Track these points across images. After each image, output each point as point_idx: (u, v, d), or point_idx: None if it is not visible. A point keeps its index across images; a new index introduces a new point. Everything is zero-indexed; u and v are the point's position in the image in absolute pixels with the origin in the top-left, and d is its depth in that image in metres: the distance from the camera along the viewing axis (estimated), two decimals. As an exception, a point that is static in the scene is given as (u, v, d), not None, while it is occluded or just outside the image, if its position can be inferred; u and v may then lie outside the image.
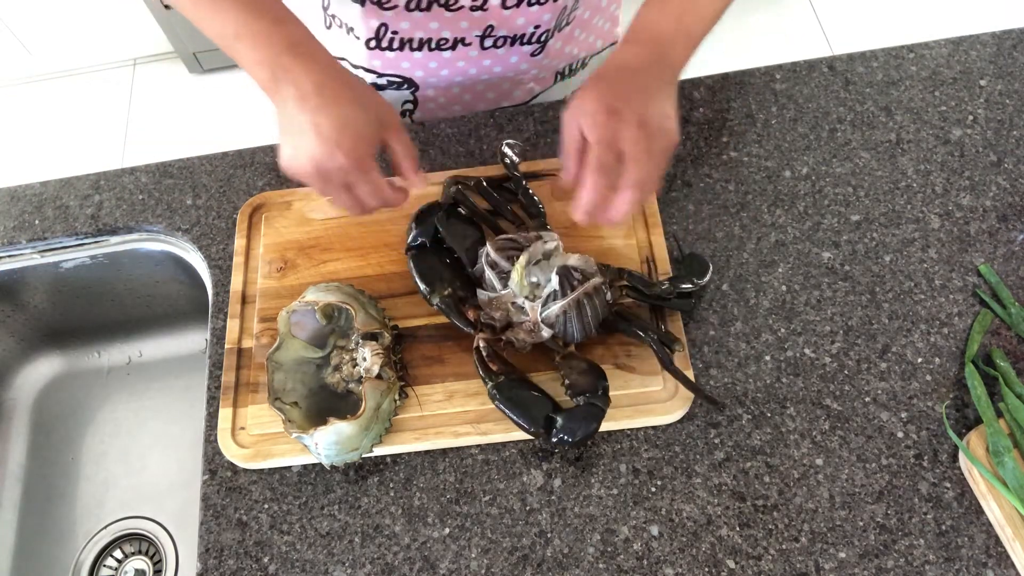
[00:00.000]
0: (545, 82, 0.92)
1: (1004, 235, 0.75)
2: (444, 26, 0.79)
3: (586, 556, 0.63)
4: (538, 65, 0.86)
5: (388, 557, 0.64)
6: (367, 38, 0.80)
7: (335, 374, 0.69)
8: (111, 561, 0.89)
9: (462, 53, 0.82)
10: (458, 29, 0.79)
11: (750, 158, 0.81)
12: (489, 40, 0.81)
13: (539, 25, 0.80)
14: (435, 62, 0.83)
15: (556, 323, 0.65)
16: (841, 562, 0.61)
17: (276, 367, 0.68)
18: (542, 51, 0.84)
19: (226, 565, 0.64)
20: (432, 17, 0.78)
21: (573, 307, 0.64)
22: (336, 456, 0.64)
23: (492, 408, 0.67)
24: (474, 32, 0.80)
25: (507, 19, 0.78)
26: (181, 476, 0.92)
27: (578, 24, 0.87)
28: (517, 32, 0.80)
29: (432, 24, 0.78)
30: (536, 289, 0.66)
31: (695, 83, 0.86)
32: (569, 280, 0.65)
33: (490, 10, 0.77)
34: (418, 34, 0.80)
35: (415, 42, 0.81)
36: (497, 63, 0.84)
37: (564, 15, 0.82)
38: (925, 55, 0.87)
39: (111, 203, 0.84)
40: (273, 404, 0.66)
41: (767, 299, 0.73)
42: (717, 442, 0.67)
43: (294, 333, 0.70)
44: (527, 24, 0.79)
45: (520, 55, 0.83)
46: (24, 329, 0.95)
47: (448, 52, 0.82)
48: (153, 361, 0.99)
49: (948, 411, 0.67)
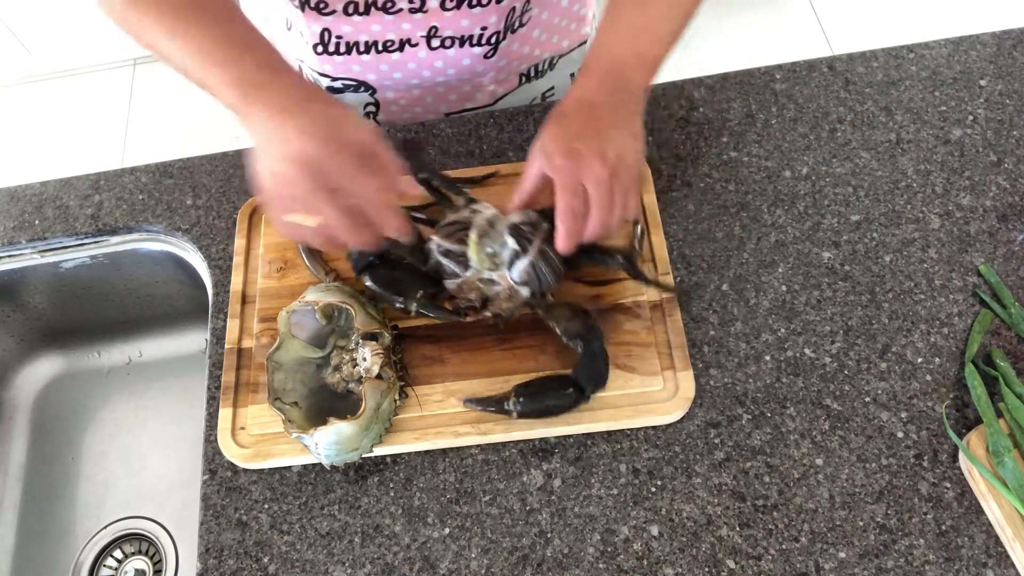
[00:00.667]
0: (508, 84, 0.90)
1: (1004, 235, 0.75)
2: (386, 28, 0.78)
3: (586, 556, 0.63)
4: (495, 67, 0.85)
5: (388, 557, 0.64)
6: (313, 43, 0.80)
7: (335, 374, 0.69)
8: (111, 561, 0.89)
9: (411, 55, 0.81)
10: (401, 31, 0.79)
11: (750, 158, 0.81)
12: (436, 41, 0.80)
13: (486, 27, 0.79)
14: (385, 64, 0.83)
15: (529, 278, 0.66)
16: (841, 562, 0.61)
17: (276, 367, 0.68)
18: (495, 53, 0.83)
19: (226, 565, 0.64)
20: (372, 20, 0.77)
21: (539, 257, 0.66)
22: (336, 456, 0.64)
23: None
24: (418, 33, 0.79)
25: (450, 20, 0.78)
26: (181, 476, 0.92)
27: (536, 25, 0.85)
28: (463, 33, 0.80)
29: (374, 27, 0.78)
30: (495, 258, 0.66)
31: (695, 83, 0.86)
32: (523, 235, 0.66)
33: (430, 12, 0.76)
34: (362, 37, 0.79)
35: (361, 45, 0.80)
36: (449, 64, 0.83)
37: (513, 17, 0.81)
38: (925, 55, 0.87)
39: (111, 203, 0.84)
40: (273, 404, 0.66)
41: (767, 299, 0.73)
42: (717, 442, 0.67)
43: (294, 333, 0.70)
44: (472, 25, 0.79)
45: (472, 57, 0.83)
46: (24, 329, 0.95)
47: (396, 54, 0.81)
48: (153, 361, 0.99)
49: (948, 411, 0.67)
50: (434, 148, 0.83)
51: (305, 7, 0.76)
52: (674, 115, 0.84)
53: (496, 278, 0.67)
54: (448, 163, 0.82)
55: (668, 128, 0.83)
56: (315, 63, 0.84)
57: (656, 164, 0.81)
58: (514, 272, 0.66)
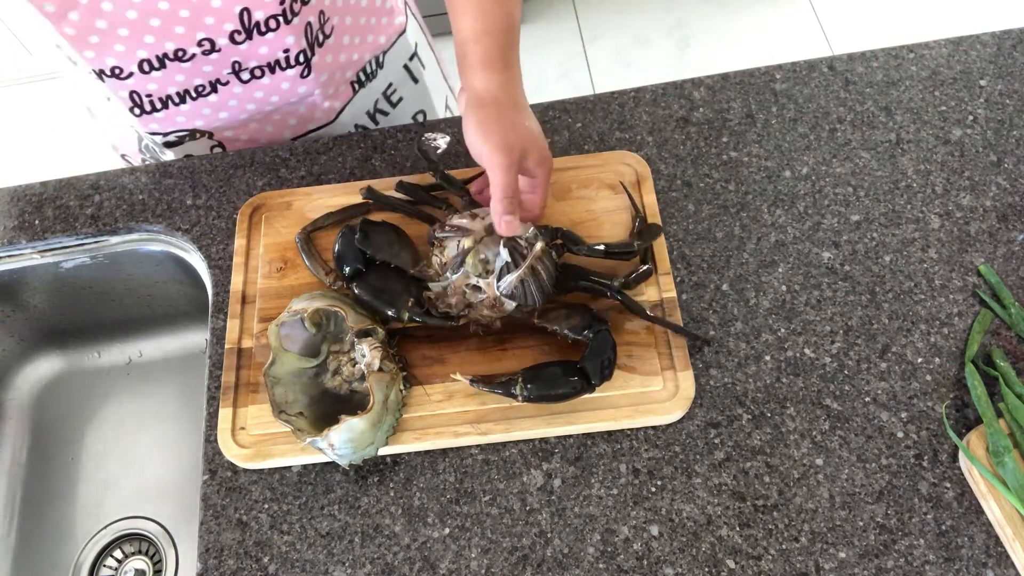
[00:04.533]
0: (342, 96, 0.89)
1: (1004, 235, 0.75)
2: (190, 75, 0.78)
3: (586, 556, 0.63)
4: (318, 84, 0.84)
5: (388, 557, 0.64)
6: (128, 107, 0.79)
7: (335, 378, 0.69)
8: (111, 561, 0.89)
9: (227, 93, 0.81)
10: (205, 74, 0.78)
11: (750, 158, 0.81)
12: (245, 74, 0.79)
13: (287, 49, 0.78)
14: (207, 108, 0.82)
15: (516, 294, 0.66)
16: (841, 562, 0.61)
17: (275, 382, 0.68)
18: (310, 71, 0.82)
19: (226, 565, 0.64)
20: (172, 71, 0.77)
21: (529, 274, 0.65)
22: (353, 454, 0.64)
23: (492, 408, 0.67)
24: (224, 71, 0.78)
25: (248, 53, 0.77)
26: (181, 476, 0.92)
27: (343, 32, 0.84)
28: (268, 60, 0.79)
29: (178, 77, 0.77)
30: (487, 265, 0.66)
31: (695, 83, 0.86)
32: (518, 250, 0.65)
33: (223, 50, 0.76)
34: (171, 89, 0.79)
35: (174, 97, 0.80)
36: (271, 92, 0.82)
37: (312, 33, 0.79)
38: (925, 55, 0.87)
39: (111, 203, 0.84)
40: (279, 417, 0.66)
41: (767, 299, 0.73)
42: (717, 442, 0.67)
43: (286, 347, 0.69)
44: (273, 51, 0.78)
45: (289, 80, 0.82)
46: (24, 329, 0.95)
47: (212, 96, 0.80)
48: (153, 361, 0.99)
49: (948, 411, 0.67)
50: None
51: (103, 76, 0.75)
52: (674, 115, 0.84)
53: (483, 286, 0.66)
54: (448, 163, 0.82)
55: (668, 128, 0.83)
56: (140, 125, 0.83)
57: (656, 164, 0.81)
58: (502, 284, 0.66)
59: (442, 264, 0.68)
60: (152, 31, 0.73)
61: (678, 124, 0.84)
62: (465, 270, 0.66)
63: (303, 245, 0.75)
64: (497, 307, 0.67)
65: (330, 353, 0.70)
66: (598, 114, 0.85)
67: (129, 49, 0.74)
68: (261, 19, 0.74)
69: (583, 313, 0.67)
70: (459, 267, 0.66)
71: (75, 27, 0.72)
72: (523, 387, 0.64)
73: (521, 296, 0.66)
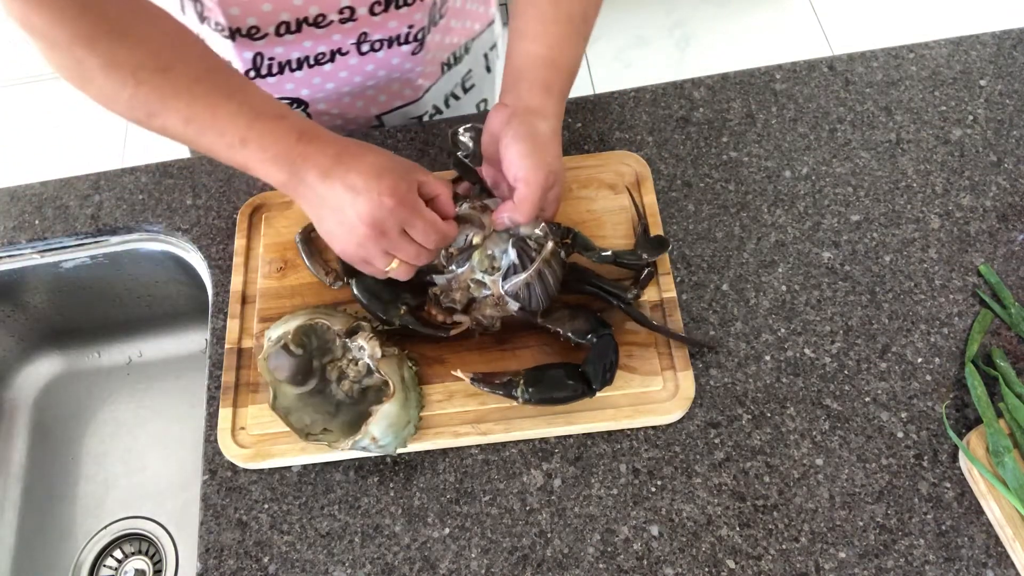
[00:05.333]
0: (432, 76, 0.91)
1: (1004, 235, 0.75)
2: (318, 43, 0.78)
3: (586, 556, 0.63)
4: (422, 61, 0.86)
5: (388, 557, 0.64)
6: (245, 69, 0.80)
7: (343, 384, 0.69)
8: (111, 561, 0.89)
9: (342, 63, 0.82)
10: (332, 43, 0.79)
11: (750, 158, 0.81)
12: (366, 46, 0.80)
13: (412, 25, 0.80)
14: (318, 77, 0.83)
15: (521, 295, 0.65)
16: (841, 562, 0.61)
17: (286, 412, 0.67)
18: (422, 48, 0.84)
19: (226, 565, 0.64)
20: (304, 37, 0.77)
21: (536, 278, 0.64)
22: (396, 439, 0.64)
23: (492, 408, 0.67)
24: (349, 41, 0.79)
25: (379, 24, 0.78)
26: (181, 476, 0.92)
27: (453, 15, 0.87)
28: (392, 35, 0.80)
29: (306, 43, 0.78)
30: (494, 262, 0.65)
31: (695, 83, 0.86)
32: (527, 251, 0.64)
33: (360, 20, 0.77)
34: (295, 55, 0.79)
35: (293, 63, 0.80)
36: (380, 67, 0.84)
37: (436, 10, 0.82)
38: (925, 55, 0.87)
39: (111, 203, 0.84)
40: (309, 441, 0.66)
41: (767, 299, 0.73)
42: (717, 442, 0.67)
43: (279, 378, 0.68)
44: (400, 26, 0.79)
45: (400, 55, 0.83)
46: (24, 329, 0.95)
47: (328, 65, 0.81)
48: (153, 361, 0.99)
49: (948, 411, 0.67)
50: (434, 148, 0.84)
51: (236, 36, 0.75)
52: (674, 115, 0.84)
53: (488, 283, 0.66)
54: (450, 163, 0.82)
55: (668, 128, 0.83)
56: None
57: (656, 164, 0.81)
58: (508, 284, 0.65)
59: (448, 255, 0.67)
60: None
61: (678, 124, 0.84)
62: (471, 264, 0.66)
63: (303, 245, 0.75)
64: (500, 306, 0.66)
65: (324, 365, 0.70)
66: (598, 114, 0.85)
67: (275, 9, 0.74)
68: None
69: (587, 316, 0.67)
70: (465, 261, 0.66)
71: None
72: (524, 390, 0.64)
73: (526, 299, 0.65)
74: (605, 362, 0.65)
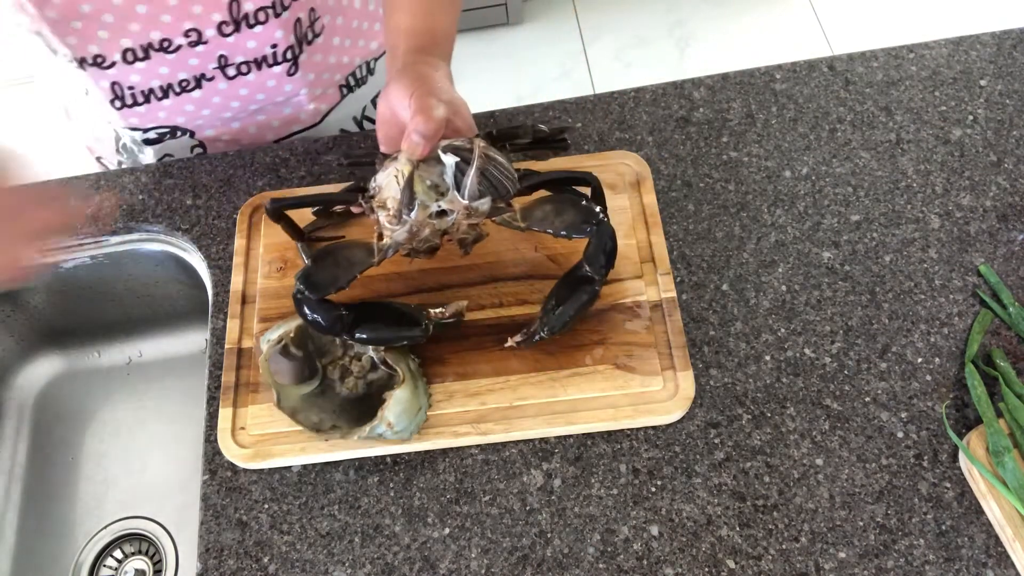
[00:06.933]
0: (330, 98, 0.88)
1: (1004, 235, 0.75)
2: (175, 68, 0.76)
3: (586, 556, 0.63)
4: (304, 83, 0.83)
5: (388, 557, 0.64)
6: (109, 99, 0.78)
7: (346, 381, 0.69)
8: (111, 561, 0.89)
9: (211, 89, 0.79)
10: (190, 67, 0.77)
11: (750, 158, 0.81)
12: (231, 69, 0.78)
13: (276, 43, 0.77)
14: (190, 105, 0.80)
15: (484, 188, 0.61)
16: (841, 562, 0.61)
17: (293, 411, 0.67)
18: (297, 69, 0.81)
19: (226, 565, 0.64)
20: (156, 63, 0.75)
21: (486, 162, 0.61)
22: (411, 423, 0.65)
23: (492, 408, 0.67)
24: (210, 65, 0.77)
25: (235, 46, 0.76)
26: (181, 476, 0.92)
27: (333, 33, 0.83)
28: (255, 56, 0.77)
29: (161, 69, 0.76)
30: (438, 188, 0.61)
31: (695, 83, 0.86)
32: (460, 149, 0.61)
33: (211, 41, 0.74)
34: (154, 82, 0.77)
35: (156, 91, 0.78)
36: (256, 90, 0.81)
37: (302, 29, 0.79)
38: (925, 55, 0.87)
39: (111, 203, 0.84)
40: (323, 436, 0.66)
41: (767, 299, 0.73)
42: (717, 442, 0.67)
43: (280, 381, 0.68)
44: (261, 46, 0.77)
45: (275, 77, 0.81)
46: (24, 329, 0.95)
47: (196, 92, 0.79)
48: (153, 361, 0.99)
49: (948, 411, 0.67)
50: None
51: (84, 65, 0.74)
52: (674, 115, 0.84)
53: (445, 205, 0.61)
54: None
55: (668, 128, 0.83)
56: (120, 119, 0.81)
57: (656, 164, 0.81)
58: (464, 190, 0.60)
59: (393, 215, 0.62)
60: (138, 18, 0.71)
61: (678, 124, 0.84)
62: (419, 200, 0.61)
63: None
64: (473, 214, 0.62)
65: (326, 366, 0.70)
66: (598, 114, 0.85)
67: (113, 36, 0.72)
68: (250, 10, 0.73)
69: (574, 205, 0.61)
70: (411, 202, 0.61)
71: (58, 10, 0.69)
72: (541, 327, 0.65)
73: (490, 188, 0.61)
74: (603, 249, 0.61)
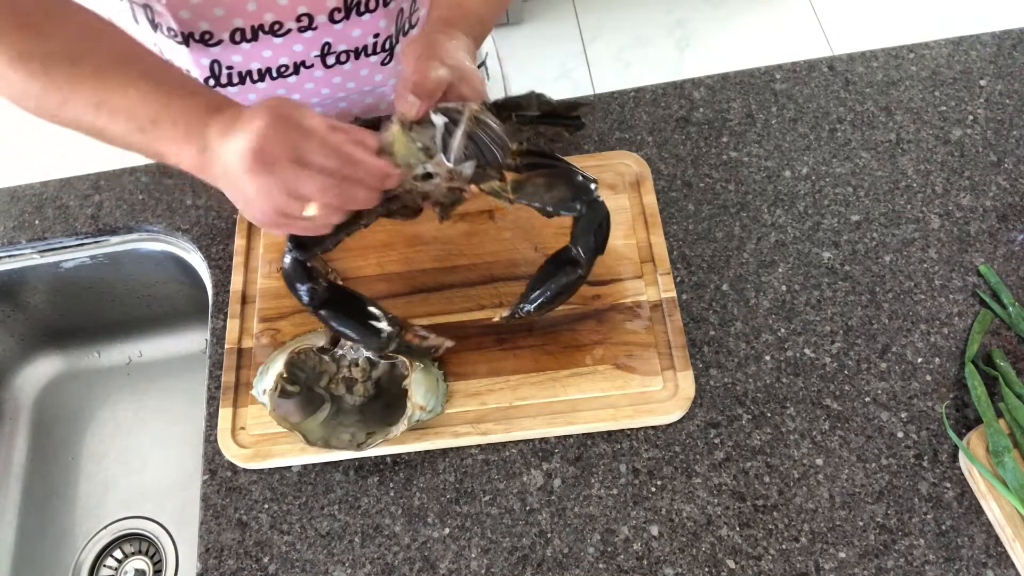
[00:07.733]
0: None
1: (1004, 235, 0.75)
2: (278, 53, 0.76)
3: (586, 556, 0.63)
4: (394, 73, 0.83)
5: (388, 557, 0.64)
6: (204, 77, 0.77)
7: (355, 389, 0.69)
8: (111, 561, 0.89)
9: (307, 76, 0.79)
10: (294, 53, 0.76)
11: (750, 158, 0.81)
12: (331, 58, 0.78)
13: (378, 33, 0.77)
14: (282, 89, 0.80)
15: (469, 151, 0.58)
16: (841, 562, 0.61)
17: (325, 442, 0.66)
18: (391, 58, 0.81)
19: (226, 565, 0.64)
20: (262, 45, 0.75)
21: (475, 125, 0.58)
22: (437, 400, 0.66)
23: (492, 408, 0.67)
24: (312, 53, 0.77)
25: (341, 34, 0.76)
26: (181, 476, 0.92)
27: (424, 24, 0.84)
28: (357, 45, 0.78)
29: (265, 52, 0.75)
30: (428, 151, 0.58)
31: (695, 83, 0.86)
32: (451, 112, 0.58)
33: (319, 28, 0.74)
34: (254, 65, 0.77)
35: (254, 74, 0.77)
36: (348, 79, 0.81)
37: (403, 19, 0.79)
38: (925, 55, 0.87)
39: (111, 203, 0.84)
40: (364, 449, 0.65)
41: (767, 299, 0.73)
42: (717, 442, 0.67)
43: (292, 421, 0.67)
44: (365, 35, 0.77)
45: (370, 67, 0.81)
46: (24, 329, 0.95)
47: (292, 78, 0.79)
48: (153, 361, 0.99)
49: (948, 411, 0.67)
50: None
51: (190, 41, 0.73)
52: (674, 115, 0.84)
53: (432, 168, 0.58)
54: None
55: (668, 128, 0.83)
56: None
57: (656, 164, 0.81)
58: (450, 152, 0.58)
59: None
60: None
61: (678, 124, 0.84)
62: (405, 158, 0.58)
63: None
64: (456, 177, 0.59)
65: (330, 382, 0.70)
66: (598, 114, 0.85)
67: (228, 14, 0.71)
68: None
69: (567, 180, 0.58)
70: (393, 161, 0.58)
71: None
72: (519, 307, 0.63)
73: (476, 152, 0.58)
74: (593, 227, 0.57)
